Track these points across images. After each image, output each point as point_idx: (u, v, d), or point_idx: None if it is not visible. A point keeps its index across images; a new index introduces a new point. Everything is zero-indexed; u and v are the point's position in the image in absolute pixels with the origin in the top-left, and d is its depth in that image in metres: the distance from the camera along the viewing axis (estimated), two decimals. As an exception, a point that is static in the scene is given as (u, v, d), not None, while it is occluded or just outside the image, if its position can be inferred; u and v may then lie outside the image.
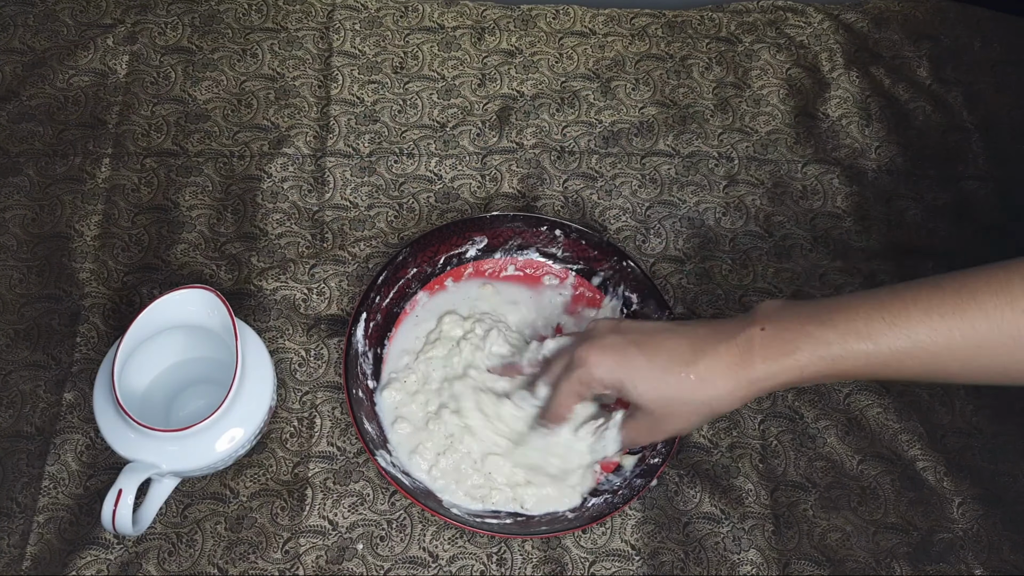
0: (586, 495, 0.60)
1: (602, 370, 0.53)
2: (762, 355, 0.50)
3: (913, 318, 0.47)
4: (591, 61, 0.80)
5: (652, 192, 0.74)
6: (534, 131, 0.76)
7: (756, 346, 0.50)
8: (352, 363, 0.62)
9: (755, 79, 0.80)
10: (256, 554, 0.58)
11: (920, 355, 0.48)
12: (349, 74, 0.78)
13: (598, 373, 0.53)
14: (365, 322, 0.63)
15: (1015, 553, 0.61)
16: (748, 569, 0.60)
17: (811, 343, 0.49)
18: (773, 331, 0.50)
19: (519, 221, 0.68)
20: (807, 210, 0.74)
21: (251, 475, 0.61)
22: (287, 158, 0.73)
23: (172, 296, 0.56)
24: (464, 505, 0.60)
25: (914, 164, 0.77)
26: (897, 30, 0.84)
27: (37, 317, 0.65)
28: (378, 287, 0.64)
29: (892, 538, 0.61)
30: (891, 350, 0.48)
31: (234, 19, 0.80)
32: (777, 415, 0.65)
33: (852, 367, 0.49)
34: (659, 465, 0.59)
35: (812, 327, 0.49)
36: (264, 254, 0.69)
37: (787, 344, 0.49)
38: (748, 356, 0.50)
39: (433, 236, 0.66)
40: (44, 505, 0.59)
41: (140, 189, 0.71)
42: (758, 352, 0.50)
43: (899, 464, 0.64)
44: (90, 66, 0.76)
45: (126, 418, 0.52)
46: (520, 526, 0.59)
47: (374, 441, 0.60)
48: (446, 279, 0.69)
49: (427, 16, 0.81)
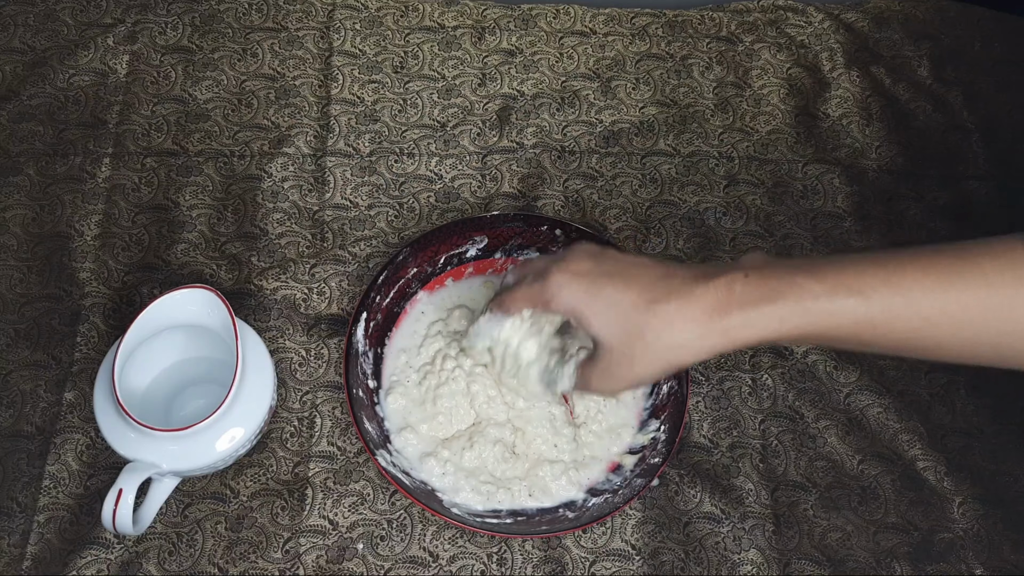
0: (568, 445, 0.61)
1: (566, 294, 0.50)
2: (740, 301, 0.46)
3: (908, 276, 0.44)
4: (591, 61, 0.80)
5: (652, 192, 0.74)
6: (534, 131, 0.76)
7: (736, 292, 0.46)
8: (352, 362, 0.62)
9: (755, 79, 0.80)
10: (256, 554, 0.58)
11: (911, 317, 0.44)
12: (349, 74, 0.78)
13: (561, 296, 0.50)
14: (365, 322, 0.63)
15: (1016, 553, 0.61)
16: (748, 569, 0.60)
17: (796, 292, 0.45)
18: (757, 278, 0.46)
19: (520, 221, 0.68)
20: (807, 210, 0.74)
21: (251, 475, 0.61)
22: (287, 158, 0.73)
23: (172, 296, 0.56)
24: (470, 505, 0.60)
25: (914, 164, 0.77)
26: (897, 30, 0.84)
27: (37, 317, 0.65)
28: (378, 286, 0.64)
29: (892, 538, 0.61)
30: (882, 308, 0.44)
31: (234, 19, 0.80)
32: (777, 415, 0.65)
33: (837, 324, 0.45)
34: (659, 465, 0.59)
35: (800, 277, 0.46)
36: (264, 254, 0.69)
37: (770, 292, 0.45)
38: (725, 301, 0.46)
39: (434, 236, 0.66)
40: (44, 505, 0.59)
41: (140, 189, 0.71)
42: (737, 298, 0.46)
43: (899, 464, 0.64)
44: (90, 66, 0.76)
45: (126, 418, 0.52)
46: (520, 526, 0.59)
47: (374, 441, 0.60)
48: (446, 278, 0.69)
49: (427, 16, 0.81)
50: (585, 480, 0.61)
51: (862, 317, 0.45)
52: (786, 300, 0.45)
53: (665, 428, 0.62)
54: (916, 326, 0.45)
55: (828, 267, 0.46)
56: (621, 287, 0.49)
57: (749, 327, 0.46)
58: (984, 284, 0.43)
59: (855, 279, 0.45)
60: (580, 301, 0.50)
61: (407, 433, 0.62)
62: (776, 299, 0.45)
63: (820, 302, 0.45)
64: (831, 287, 0.45)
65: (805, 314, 0.45)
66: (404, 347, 0.66)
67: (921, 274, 0.44)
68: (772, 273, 0.46)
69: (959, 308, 0.44)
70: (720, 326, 0.46)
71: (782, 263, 0.47)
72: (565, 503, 0.61)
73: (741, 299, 0.46)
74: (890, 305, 0.44)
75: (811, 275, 0.45)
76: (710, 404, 0.65)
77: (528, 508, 0.60)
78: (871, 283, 0.45)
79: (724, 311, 0.46)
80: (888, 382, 0.67)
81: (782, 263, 0.47)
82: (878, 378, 0.67)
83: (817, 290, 0.45)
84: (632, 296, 0.48)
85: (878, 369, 0.67)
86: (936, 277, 0.44)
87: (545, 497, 0.61)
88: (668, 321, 0.47)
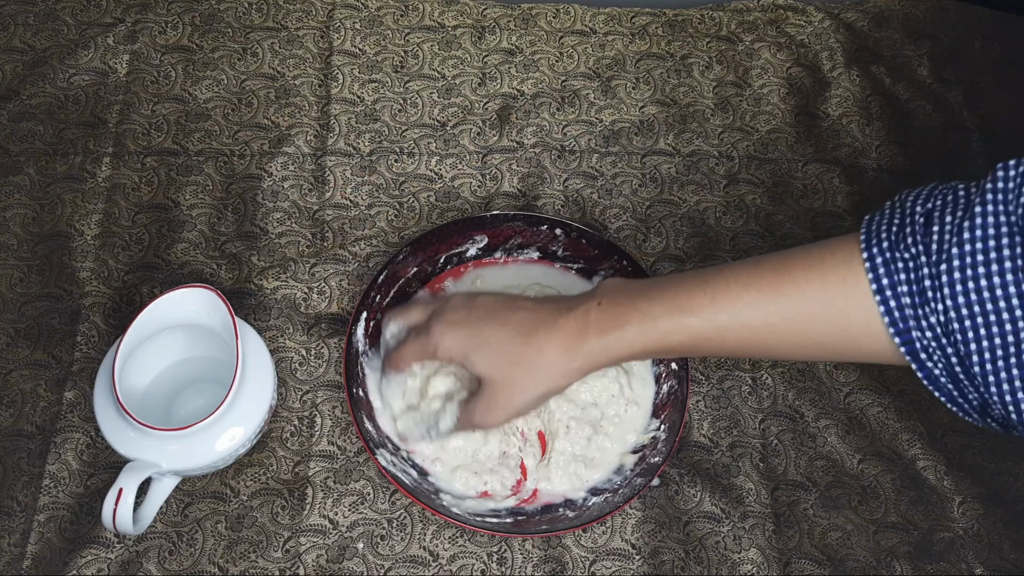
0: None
1: (448, 341, 0.55)
2: (596, 328, 0.52)
3: (731, 293, 0.50)
4: (591, 60, 0.80)
5: (652, 191, 0.74)
6: (534, 130, 0.76)
7: (592, 320, 0.52)
8: (352, 362, 0.62)
9: (755, 78, 0.80)
10: (257, 553, 0.58)
11: (739, 330, 0.50)
12: (349, 73, 0.78)
13: (444, 343, 0.55)
14: (365, 321, 0.63)
15: (1016, 552, 0.61)
16: (748, 568, 0.60)
17: (638, 317, 0.51)
18: (607, 306, 0.52)
19: (519, 220, 0.68)
20: (807, 209, 0.74)
21: (251, 474, 0.61)
22: (287, 157, 0.73)
23: (172, 295, 0.56)
24: (470, 504, 0.60)
25: (914, 163, 0.77)
26: (897, 29, 0.84)
27: (37, 316, 0.65)
28: (378, 286, 0.64)
29: (892, 537, 0.61)
30: (712, 324, 0.50)
31: (234, 18, 0.80)
32: (777, 414, 0.65)
33: (678, 341, 0.51)
34: (660, 464, 0.59)
35: (641, 302, 0.51)
36: (264, 253, 0.69)
37: (618, 319, 0.51)
38: (583, 330, 0.52)
39: (433, 235, 0.66)
40: (45, 504, 0.59)
41: (140, 188, 0.71)
42: (593, 326, 0.52)
43: (899, 463, 0.64)
44: (90, 65, 0.76)
45: (127, 417, 0.52)
46: (519, 526, 0.59)
47: (374, 440, 0.60)
48: (446, 278, 0.69)
49: (427, 15, 0.81)
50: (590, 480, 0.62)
51: (696, 332, 0.50)
52: (631, 325, 0.51)
53: (665, 427, 0.62)
54: (745, 336, 0.50)
55: (667, 290, 0.52)
56: (497, 326, 0.54)
57: (606, 351, 0.52)
58: (797, 292, 0.48)
59: (687, 300, 0.51)
60: (463, 344, 0.55)
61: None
62: (623, 325, 0.51)
63: (660, 323, 0.51)
64: (668, 309, 0.51)
65: (649, 334, 0.51)
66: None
67: (742, 289, 0.50)
68: (620, 300, 0.52)
69: (779, 318, 0.49)
70: (582, 350, 0.52)
71: (629, 288, 0.53)
72: (565, 502, 0.61)
73: (596, 326, 0.52)
74: (719, 322, 0.50)
75: (651, 299, 0.51)
76: (710, 404, 0.65)
77: (528, 507, 0.60)
78: (700, 302, 0.50)
79: (583, 337, 0.52)
80: (888, 381, 0.67)
81: (629, 288, 0.53)
82: (878, 377, 0.67)
83: (656, 311, 0.51)
84: (508, 332, 0.54)
85: (878, 369, 0.67)
86: (756, 291, 0.49)
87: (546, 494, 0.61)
88: (539, 349, 0.53)
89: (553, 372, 0.53)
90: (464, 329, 0.55)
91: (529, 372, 0.53)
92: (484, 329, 0.54)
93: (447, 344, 0.55)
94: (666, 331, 0.51)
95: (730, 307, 0.50)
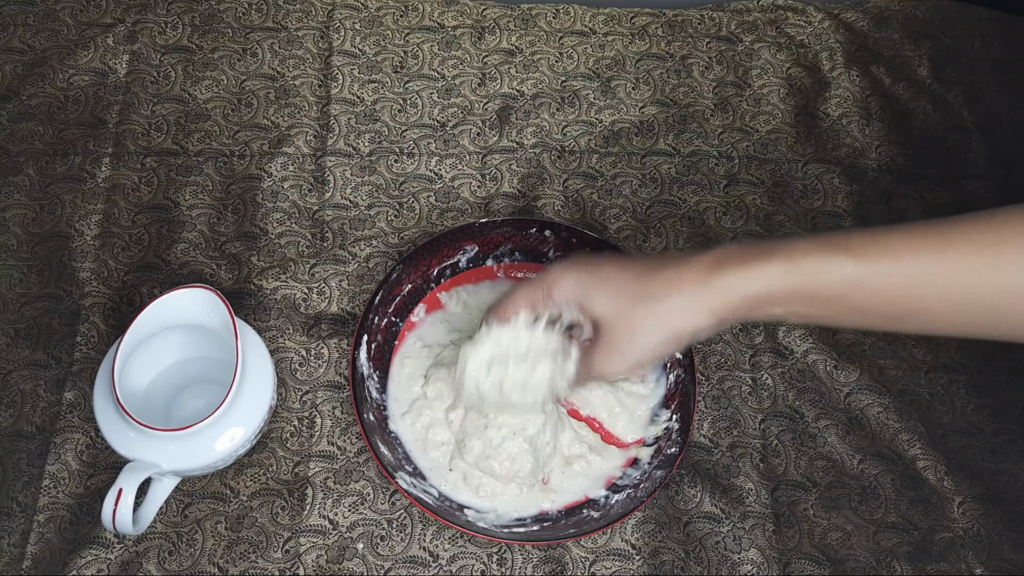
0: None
1: (567, 279, 0.51)
2: (735, 259, 0.47)
3: (895, 238, 0.46)
4: (591, 60, 0.80)
5: (652, 191, 0.74)
6: (534, 130, 0.76)
7: (731, 253, 0.48)
8: (359, 386, 0.61)
9: (755, 78, 0.80)
10: (256, 553, 0.58)
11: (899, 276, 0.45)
12: (349, 73, 0.78)
13: (561, 282, 0.52)
14: (367, 344, 0.63)
15: (1016, 552, 0.61)
16: (748, 568, 0.60)
17: (787, 250, 0.47)
18: (750, 243, 0.48)
19: (508, 225, 0.68)
20: (807, 209, 0.74)
21: (251, 474, 0.61)
22: (287, 157, 0.73)
23: (172, 295, 0.56)
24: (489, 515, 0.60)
25: (914, 163, 0.77)
26: (897, 29, 0.84)
27: (37, 316, 0.65)
28: (375, 307, 0.64)
29: (893, 537, 0.61)
30: (870, 268, 0.45)
31: (234, 18, 0.80)
32: (777, 415, 0.65)
33: (828, 283, 0.46)
34: (677, 455, 0.59)
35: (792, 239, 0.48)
36: (264, 253, 0.69)
37: (763, 251, 0.47)
38: (721, 262, 0.47)
39: (424, 249, 0.66)
40: (44, 504, 0.59)
41: (140, 188, 0.71)
42: (732, 259, 0.47)
43: (899, 463, 0.64)
44: (90, 65, 0.76)
45: (126, 417, 0.52)
46: (546, 530, 0.59)
47: (392, 465, 0.59)
48: (440, 292, 0.68)
49: (427, 15, 0.81)
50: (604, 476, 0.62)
51: (851, 275, 0.45)
52: (778, 257, 0.46)
53: (677, 417, 0.62)
54: (904, 284, 0.45)
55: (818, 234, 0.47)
56: (619, 267, 0.51)
57: (744, 285, 0.47)
58: (968, 244, 0.44)
59: (844, 240, 0.46)
60: (580, 283, 0.51)
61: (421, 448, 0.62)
62: (770, 256, 0.46)
63: (811, 258, 0.46)
64: (821, 245, 0.46)
65: (797, 271, 0.46)
66: (410, 368, 0.65)
67: (908, 236, 0.45)
68: (763, 242, 0.48)
69: (945, 268, 0.44)
70: (717, 284, 0.47)
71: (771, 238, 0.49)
72: (588, 502, 0.61)
73: (736, 258, 0.47)
74: (878, 264, 0.45)
75: (802, 237, 0.47)
76: (710, 404, 0.65)
77: (552, 512, 0.60)
78: (860, 243, 0.46)
79: (720, 268, 0.47)
80: (888, 382, 0.67)
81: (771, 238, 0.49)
82: (878, 378, 0.67)
83: (808, 247, 0.46)
84: (631, 272, 0.50)
85: (878, 369, 0.67)
86: (923, 239, 0.45)
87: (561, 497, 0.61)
88: (667, 283, 0.48)
89: (680, 311, 0.48)
90: (582, 268, 0.51)
91: (654, 312, 0.48)
92: (604, 267, 0.51)
93: (564, 282, 0.51)
94: (817, 268, 0.45)
95: (892, 251, 0.45)
